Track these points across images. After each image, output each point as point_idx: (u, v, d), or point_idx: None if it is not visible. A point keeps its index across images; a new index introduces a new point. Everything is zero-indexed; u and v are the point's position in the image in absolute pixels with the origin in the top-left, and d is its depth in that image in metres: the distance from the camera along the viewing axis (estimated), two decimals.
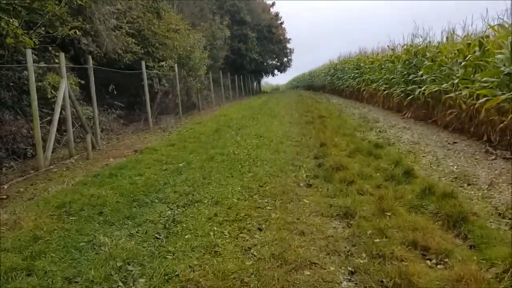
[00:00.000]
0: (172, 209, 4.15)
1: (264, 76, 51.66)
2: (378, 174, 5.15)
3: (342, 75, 23.02)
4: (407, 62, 11.04)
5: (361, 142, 7.40)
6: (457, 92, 7.48)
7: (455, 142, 7.19)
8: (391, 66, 12.98)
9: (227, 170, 5.67)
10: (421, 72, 9.57)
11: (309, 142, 7.92)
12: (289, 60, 48.85)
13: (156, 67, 13.47)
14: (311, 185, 4.84)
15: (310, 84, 44.84)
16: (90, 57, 8.78)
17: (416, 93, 9.67)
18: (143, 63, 11.83)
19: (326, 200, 4.24)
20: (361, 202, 4.04)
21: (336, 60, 26.16)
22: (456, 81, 7.46)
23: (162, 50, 14.77)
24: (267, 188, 4.77)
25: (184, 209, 4.10)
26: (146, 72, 12.97)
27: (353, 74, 19.26)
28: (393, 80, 12.08)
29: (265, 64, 45.01)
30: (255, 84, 49.99)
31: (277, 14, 44.93)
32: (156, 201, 4.51)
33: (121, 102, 13.59)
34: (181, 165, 6.36)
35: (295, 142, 7.97)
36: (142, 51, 12.84)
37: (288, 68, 49.11)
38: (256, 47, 38.95)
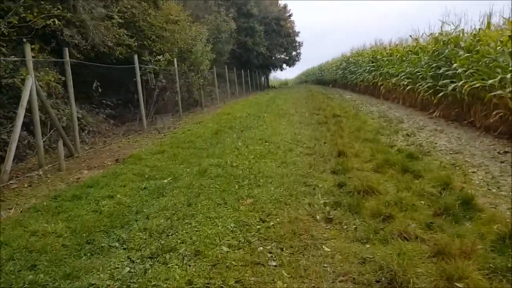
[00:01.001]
0: (133, 263, 2.88)
1: (272, 71, 50.17)
2: (423, 202, 3.80)
3: (355, 69, 21.52)
4: (436, 53, 9.58)
5: (389, 150, 6.04)
6: (509, 89, 6.05)
7: (506, 152, 5.79)
8: (414, 58, 11.52)
9: (220, 193, 4.37)
10: (455, 65, 8.13)
11: (324, 149, 6.59)
12: (298, 54, 47.30)
13: (152, 61, 12.19)
14: (331, 220, 3.52)
15: (319, 79, 43.33)
16: (66, 49, 7.53)
17: (450, 89, 8.24)
18: (135, 57, 10.58)
19: (356, 249, 2.92)
20: (411, 256, 2.71)
21: (349, 53, 24.64)
22: (508, 75, 6.03)
23: (160, 43, 13.48)
24: (271, 224, 3.46)
25: (148, 265, 2.81)
26: (142, 67, 11.74)
27: (368, 68, 17.76)
28: (418, 74, 10.62)
29: (273, 58, 43.51)
30: (262, 79, 48.52)
31: (285, 6, 43.35)
32: (117, 244, 3.24)
33: (116, 99, 12.43)
34: (165, 181, 5.09)
35: (306, 149, 6.65)
36: (136, 43, 11.57)
37: (297, 62, 47.58)
38: (264, 40, 37.43)
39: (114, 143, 8.77)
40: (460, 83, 7.64)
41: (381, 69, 15.26)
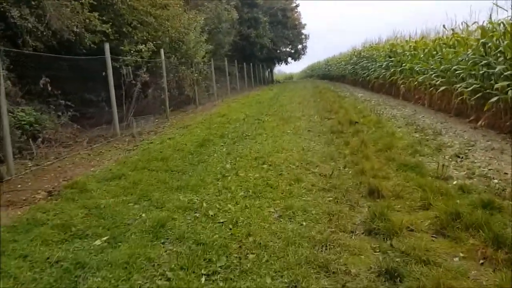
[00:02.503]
0: None
1: (277, 64, 47.96)
2: None
3: (368, 64, 19.39)
4: (485, 46, 7.49)
5: (447, 188, 4.02)
6: None
7: None
8: (448, 53, 9.45)
9: None
10: None
11: (346, 179, 4.61)
12: (304, 47, 45.05)
13: (132, 51, 10.20)
14: None
15: (326, 74, 41.12)
16: None
17: (510, 93, 6.17)
18: (106, 45, 8.57)
19: None
20: None
21: (360, 47, 22.49)
22: None
23: (144, 30, 11.46)
24: None
25: None
26: (120, 58, 9.77)
27: (385, 63, 15.64)
28: (457, 72, 8.54)
29: (278, 51, 41.27)
30: (266, 72, 46.30)
31: None
32: None
33: (95, 96, 10.50)
34: (97, 244, 3.17)
35: (321, 179, 4.66)
36: (111, 30, 9.56)
37: (303, 56, 45.32)
38: (268, 32, 35.18)
39: (69, 157, 6.80)
40: None
41: (403, 65, 13.15)
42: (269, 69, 47.90)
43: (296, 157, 5.75)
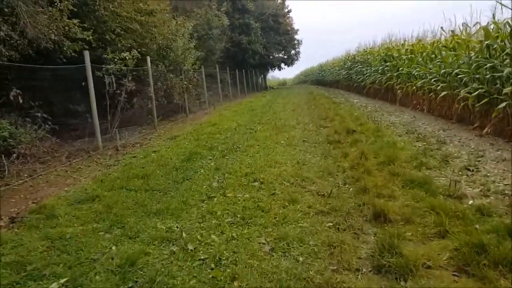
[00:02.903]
0: None
1: (270, 70, 47.56)
2: None
3: (362, 69, 19.01)
4: (490, 49, 7.06)
5: (463, 210, 3.51)
6: None
7: None
8: (448, 56, 9.03)
9: None
10: None
11: (346, 198, 4.11)
12: (297, 53, 44.66)
13: (116, 60, 9.66)
14: None
15: (320, 79, 40.89)
16: None
17: None
18: (86, 54, 8.03)
19: None
20: None
21: (354, 51, 22.14)
22: None
23: (130, 37, 10.95)
24: None
25: None
26: (103, 67, 9.23)
27: (381, 68, 15.24)
28: (459, 76, 8.11)
29: (270, 57, 40.86)
30: (260, 79, 45.88)
31: (283, 1, 40.77)
32: None
33: (80, 108, 9.96)
34: None
35: (318, 200, 4.15)
36: (93, 37, 9.03)
37: (296, 62, 44.97)
38: (261, 38, 34.81)
39: (44, 174, 6.23)
40: None
41: (400, 69, 12.74)
42: (262, 75, 47.51)
43: (290, 172, 5.24)
